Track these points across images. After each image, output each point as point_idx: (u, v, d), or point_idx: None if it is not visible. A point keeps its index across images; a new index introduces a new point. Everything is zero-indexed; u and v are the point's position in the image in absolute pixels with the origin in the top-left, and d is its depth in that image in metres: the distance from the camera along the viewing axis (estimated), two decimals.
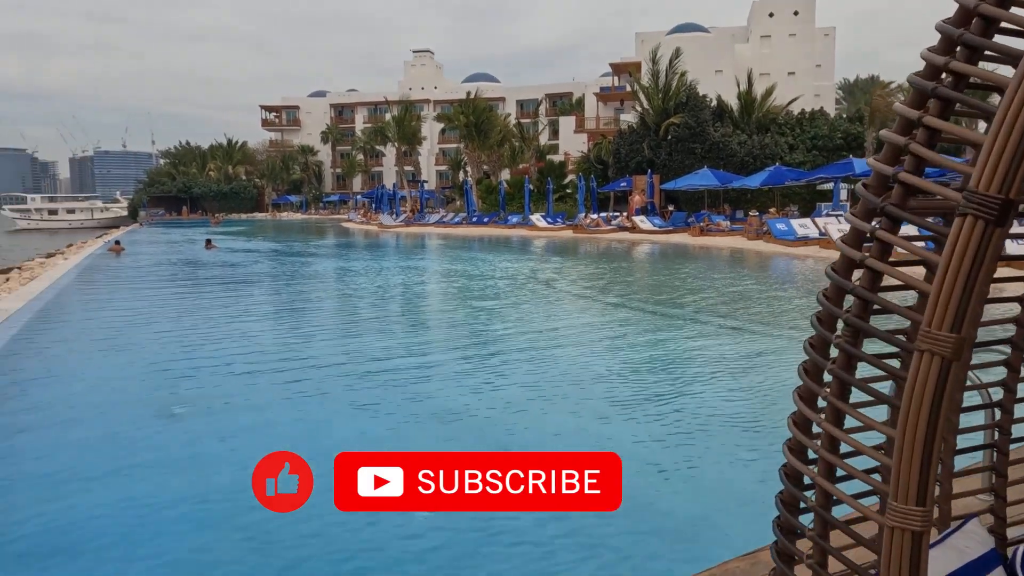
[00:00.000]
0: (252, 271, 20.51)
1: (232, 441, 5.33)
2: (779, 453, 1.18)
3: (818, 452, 1.06)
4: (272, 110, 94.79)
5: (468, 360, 8.09)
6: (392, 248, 30.82)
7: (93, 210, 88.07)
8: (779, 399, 6.32)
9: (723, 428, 5.54)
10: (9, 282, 19.64)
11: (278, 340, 9.60)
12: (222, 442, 5.33)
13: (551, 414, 6.00)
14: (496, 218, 41.24)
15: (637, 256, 23.73)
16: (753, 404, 6.23)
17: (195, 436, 5.43)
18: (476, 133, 50.62)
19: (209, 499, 4.30)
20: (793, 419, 1.12)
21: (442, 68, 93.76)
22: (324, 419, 5.91)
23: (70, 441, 5.36)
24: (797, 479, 1.12)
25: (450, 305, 13.19)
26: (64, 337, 9.94)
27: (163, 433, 5.54)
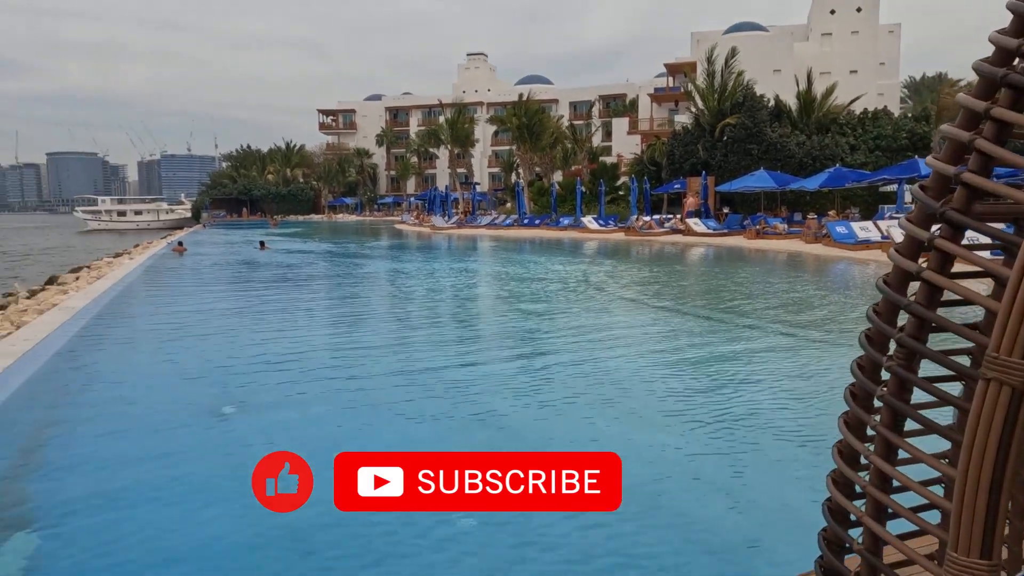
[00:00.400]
0: (306, 272, 20.86)
1: (279, 441, 5.36)
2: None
3: (865, 488, 0.93)
4: (329, 114, 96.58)
5: (516, 364, 8.01)
6: (443, 250, 30.98)
7: (159, 212, 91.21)
8: (838, 410, 6.06)
9: (778, 441, 5.31)
10: (79, 280, 20.44)
11: (328, 340, 9.69)
12: (269, 444, 5.36)
13: (598, 421, 5.86)
14: (547, 220, 41.08)
15: (691, 259, 23.29)
16: (811, 418, 5.97)
17: (241, 435, 5.48)
18: (528, 135, 50.58)
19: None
20: (838, 448, 1.00)
21: (495, 70, 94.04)
22: (369, 422, 5.91)
23: (121, 436, 5.47)
24: (843, 517, 1.00)
25: (499, 308, 13.12)
26: (122, 334, 10.25)
27: (212, 430, 5.61)
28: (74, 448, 5.21)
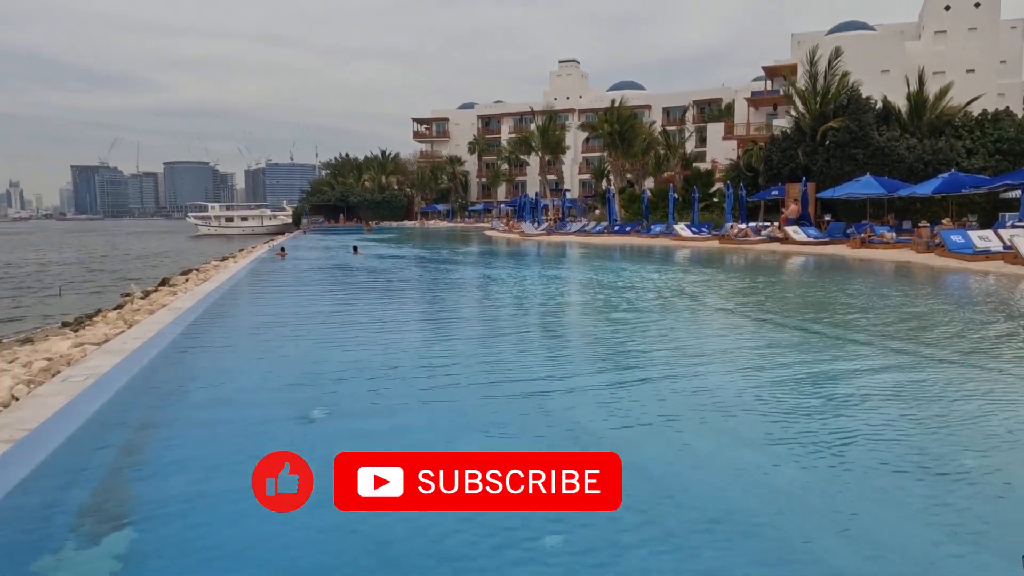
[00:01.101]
0: (396, 277, 21.24)
1: (363, 448, 5.35)
2: (968, 510, 0.83)
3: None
4: (423, 122, 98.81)
5: (606, 377, 7.73)
6: (532, 256, 30.94)
7: (263, 217, 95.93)
8: (965, 440, 5.53)
9: (894, 472, 4.86)
10: (187, 282, 21.58)
11: (415, 346, 9.73)
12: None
13: (692, 438, 5.56)
14: (638, 227, 40.44)
15: (790, 269, 22.30)
16: (931, 445, 5.46)
17: (328, 441, 5.51)
18: (620, 141, 50.02)
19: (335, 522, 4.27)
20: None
21: (587, 77, 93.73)
22: (455, 433, 5.80)
23: (214, 437, 5.60)
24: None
25: (589, 317, 12.87)
26: (222, 336, 10.64)
27: (300, 435, 5.66)
28: (170, 448, 5.36)
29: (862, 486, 4.62)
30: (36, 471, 4.57)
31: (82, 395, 6.30)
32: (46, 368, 8.87)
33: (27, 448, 4.90)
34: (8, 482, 4.27)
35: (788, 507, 4.30)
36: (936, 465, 4.98)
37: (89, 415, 5.79)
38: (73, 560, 3.55)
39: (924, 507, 4.29)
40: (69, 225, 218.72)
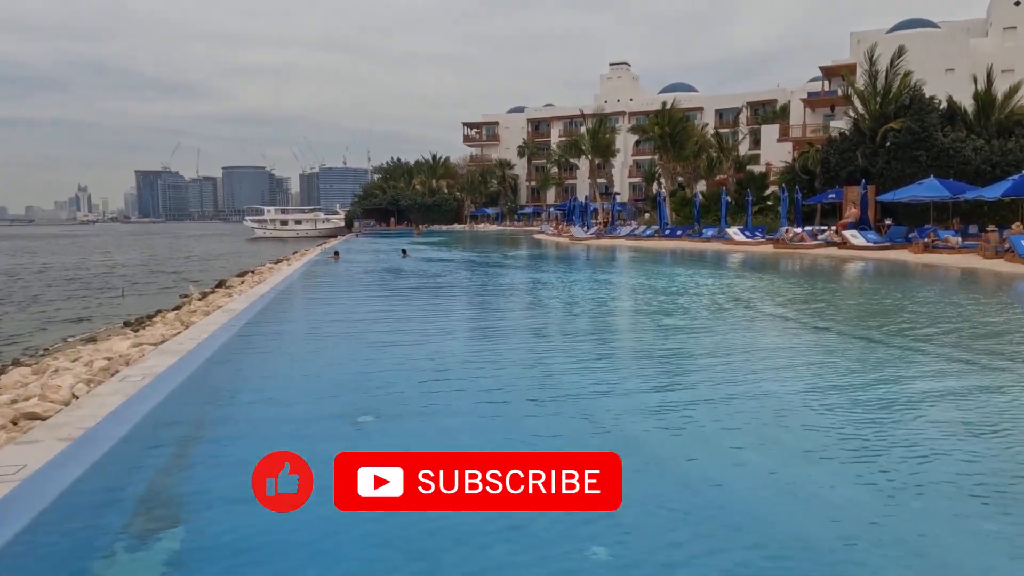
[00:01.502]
0: (445, 280, 21.31)
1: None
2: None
3: None
4: (473, 126, 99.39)
5: (656, 384, 7.58)
6: (581, 260, 30.74)
7: (316, 221, 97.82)
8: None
9: (955, 490, 4.59)
10: (243, 284, 22.08)
11: (463, 351, 9.68)
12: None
13: (747, 452, 5.36)
14: (690, 231, 39.82)
15: (848, 274, 21.61)
16: (997, 463, 5.15)
17: (374, 446, 5.49)
18: (671, 144, 49.38)
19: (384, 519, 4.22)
20: None
21: (638, 80, 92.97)
22: (502, 440, 5.73)
23: (263, 439, 5.64)
24: None
25: (639, 323, 12.65)
26: (272, 337, 10.79)
27: (347, 439, 5.66)
28: (219, 449, 5.41)
29: (930, 509, 4.37)
30: (90, 470, 4.66)
31: (137, 395, 6.44)
32: (106, 367, 9.13)
33: (83, 447, 5.01)
34: (63, 480, 4.35)
35: (848, 527, 4.09)
36: (1012, 488, 4.69)
37: (143, 415, 5.91)
38: (124, 559, 3.58)
39: (1000, 534, 4.02)
40: (133, 228, 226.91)
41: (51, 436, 5.43)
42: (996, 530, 4.03)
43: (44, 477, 4.34)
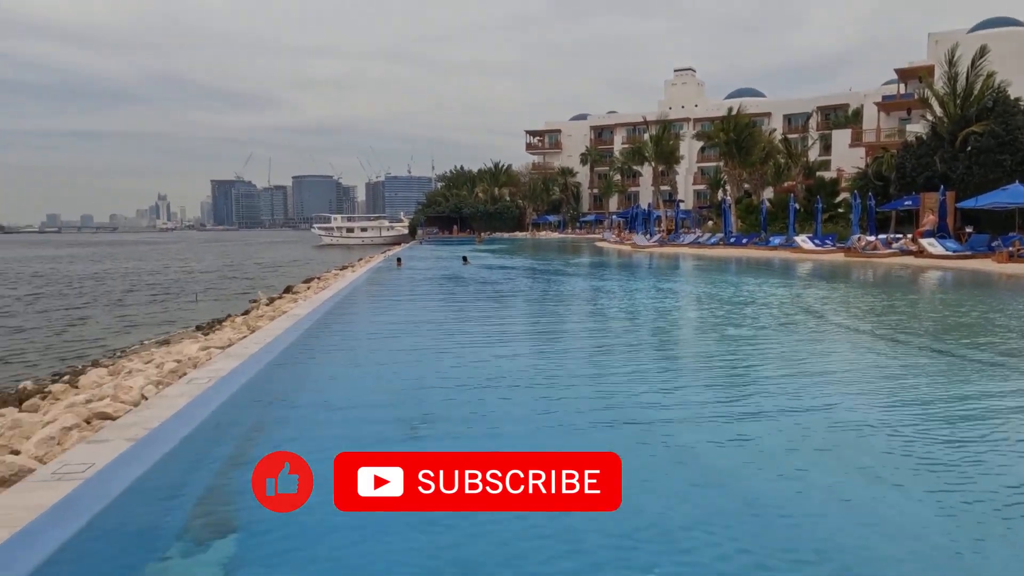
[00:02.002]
0: (505, 288, 21.31)
1: None
2: None
3: None
4: (536, 134, 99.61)
5: (719, 396, 7.33)
6: (643, 268, 30.34)
7: (381, 228, 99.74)
8: None
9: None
10: (309, 290, 22.61)
11: (522, 360, 9.60)
12: None
13: (812, 471, 5.10)
14: (756, 239, 38.85)
15: (926, 285, 20.66)
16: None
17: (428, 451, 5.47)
18: (736, 150, 48.36)
19: (436, 523, 4.17)
20: None
21: (704, 85, 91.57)
22: (557, 447, 5.64)
23: (319, 444, 5.69)
24: None
25: (701, 333, 12.31)
26: (333, 343, 10.97)
27: (402, 447, 5.66)
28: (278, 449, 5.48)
29: (1016, 542, 4.07)
30: (152, 469, 4.78)
31: (201, 396, 6.61)
32: (174, 370, 9.44)
33: (147, 446, 5.15)
34: (126, 479, 4.47)
35: (924, 557, 3.84)
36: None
37: (204, 417, 6.06)
38: (179, 564, 3.64)
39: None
40: (207, 235, 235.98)
41: (119, 436, 5.61)
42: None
43: (109, 475, 4.47)
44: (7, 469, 5.17)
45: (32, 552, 3.35)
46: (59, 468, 4.90)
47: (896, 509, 4.40)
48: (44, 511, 3.79)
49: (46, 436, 6.35)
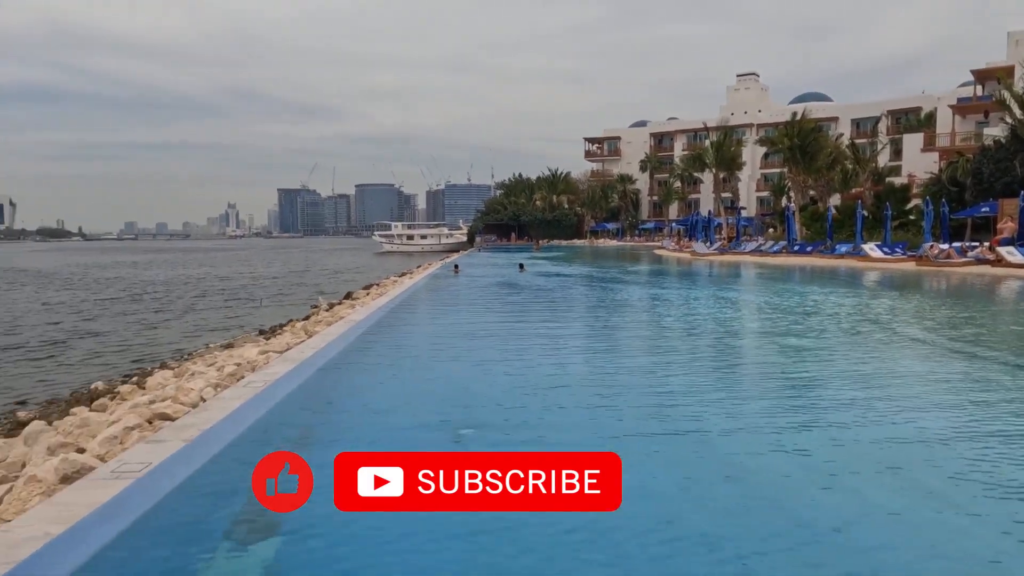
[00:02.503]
0: (560, 295, 21.21)
1: None
2: None
3: None
4: (595, 141, 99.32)
5: (776, 412, 7.03)
6: (701, 276, 29.79)
7: (440, 236, 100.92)
8: None
9: None
10: (368, 296, 23.00)
11: (573, 367, 9.51)
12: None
13: (875, 494, 4.85)
14: (821, 247, 37.70)
15: (1005, 295, 19.65)
16: None
17: None
18: (801, 156, 47.10)
19: (482, 529, 4.14)
20: None
21: (768, 90, 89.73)
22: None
23: (357, 447, 5.74)
24: None
25: (762, 345, 11.84)
26: (385, 347, 11.09)
27: (447, 450, 5.66)
28: (323, 457, 5.54)
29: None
30: (201, 470, 4.89)
31: (254, 399, 6.75)
32: (233, 373, 9.70)
33: (198, 447, 5.29)
34: (174, 480, 4.58)
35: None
36: None
37: (255, 419, 6.18)
38: (224, 564, 3.70)
39: None
40: (274, 242, 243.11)
41: (176, 436, 5.77)
42: None
43: (159, 474, 4.60)
44: (70, 467, 5.38)
45: (82, 548, 3.46)
46: (118, 467, 5.07)
47: (970, 538, 4.14)
48: (95, 508, 3.91)
49: (110, 435, 6.59)
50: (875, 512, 4.50)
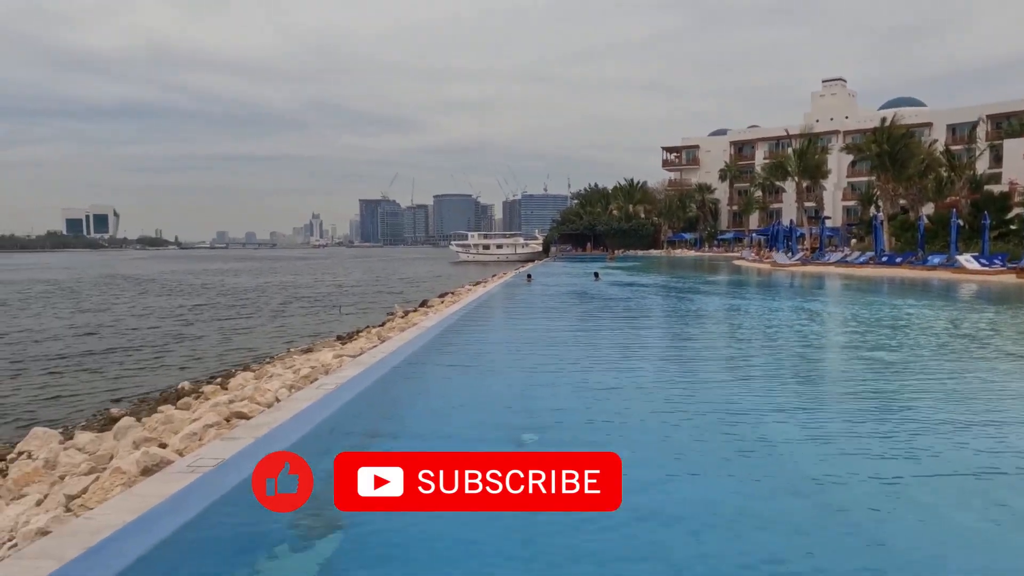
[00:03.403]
0: (634, 305, 20.95)
1: None
2: None
3: None
4: (672, 150, 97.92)
5: (861, 431, 6.63)
6: (783, 287, 28.86)
7: (516, 245, 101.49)
8: None
9: None
10: (442, 304, 23.35)
11: (642, 377, 9.35)
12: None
13: (952, 514, 4.58)
14: (911, 258, 35.93)
15: None
16: None
17: None
18: (890, 163, 45.02)
19: (537, 536, 4.13)
20: None
21: (855, 96, 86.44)
22: (675, 473, 5.39)
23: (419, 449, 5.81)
24: None
25: (848, 362, 11.08)
26: (453, 353, 11.22)
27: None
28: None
29: None
30: None
31: (322, 400, 6.96)
32: (308, 375, 10.02)
33: (265, 445, 5.47)
34: (239, 475, 4.73)
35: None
36: None
37: (322, 419, 6.36)
38: (285, 560, 3.80)
39: None
40: (355, 251, 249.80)
41: (250, 434, 6.01)
42: None
43: (227, 469, 4.78)
44: (150, 460, 5.67)
45: (150, 536, 3.64)
46: (194, 461, 5.32)
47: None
48: (164, 500, 4.11)
49: (190, 432, 6.92)
50: (960, 538, 4.24)
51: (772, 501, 4.80)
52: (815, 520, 4.48)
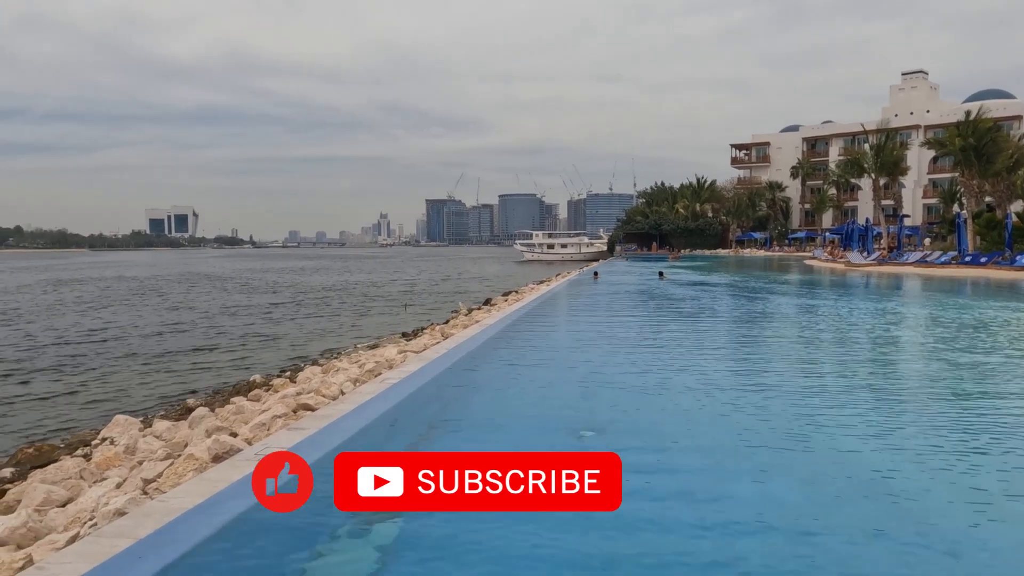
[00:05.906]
0: (695, 304, 20.56)
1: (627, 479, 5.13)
2: None
3: None
4: (742, 148, 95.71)
5: (938, 440, 6.33)
6: (858, 288, 27.83)
7: (580, 245, 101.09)
8: None
9: None
10: (506, 302, 23.46)
11: (704, 379, 9.10)
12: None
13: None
14: (998, 258, 34.13)
15: None
16: None
17: None
18: (975, 158, 42.91)
19: (587, 535, 4.11)
20: None
21: (938, 89, 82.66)
22: (730, 476, 5.23)
23: (477, 446, 5.85)
24: None
25: (926, 368, 10.51)
26: (513, 350, 11.25)
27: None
28: (445, 446, 5.72)
29: None
30: (326, 455, 5.17)
31: (383, 394, 7.10)
32: (372, 369, 10.23)
33: (325, 436, 5.64)
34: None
35: None
36: None
37: (383, 412, 6.50)
38: (342, 549, 3.90)
39: None
40: (421, 251, 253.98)
41: (314, 425, 6.19)
42: None
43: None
44: (221, 447, 5.90)
45: (217, 517, 3.79)
46: (260, 449, 5.51)
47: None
48: (231, 484, 4.27)
49: (259, 422, 7.17)
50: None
51: (845, 503, 4.63)
52: (892, 517, 4.30)
